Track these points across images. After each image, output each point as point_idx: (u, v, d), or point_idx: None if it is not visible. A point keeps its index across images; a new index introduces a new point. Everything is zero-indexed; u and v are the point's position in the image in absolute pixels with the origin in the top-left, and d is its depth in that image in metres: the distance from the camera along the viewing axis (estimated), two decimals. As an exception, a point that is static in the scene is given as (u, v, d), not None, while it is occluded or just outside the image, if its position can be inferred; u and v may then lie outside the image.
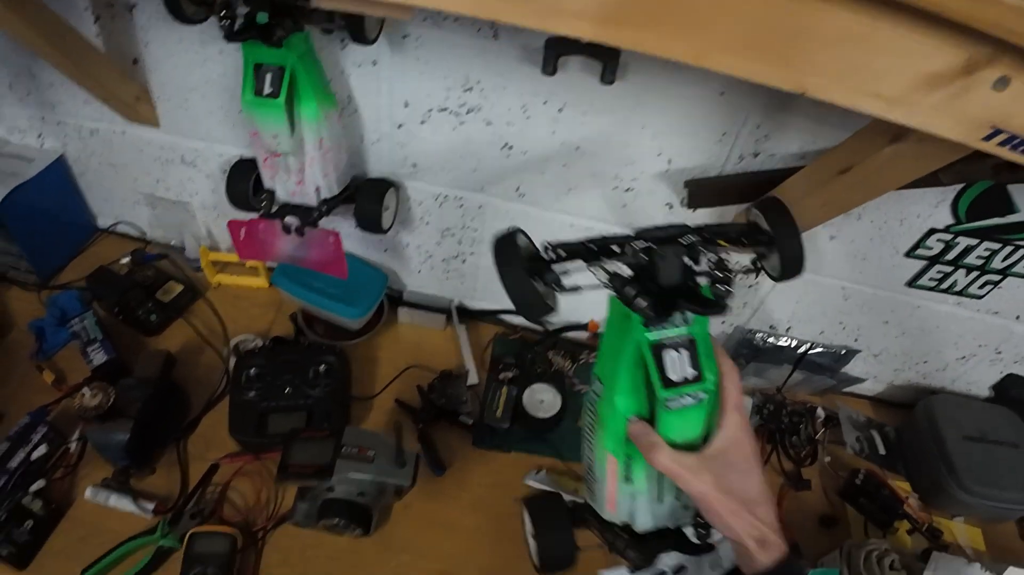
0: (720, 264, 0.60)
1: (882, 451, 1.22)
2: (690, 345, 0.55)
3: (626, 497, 0.63)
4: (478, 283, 1.21)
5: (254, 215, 1.03)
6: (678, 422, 0.56)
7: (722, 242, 0.64)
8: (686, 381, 0.54)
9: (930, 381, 1.30)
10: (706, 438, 0.58)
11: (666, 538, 0.66)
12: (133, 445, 0.92)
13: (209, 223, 1.25)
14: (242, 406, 1.03)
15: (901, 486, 1.16)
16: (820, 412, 1.22)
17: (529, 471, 1.05)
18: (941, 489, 1.15)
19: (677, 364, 0.55)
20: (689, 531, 0.65)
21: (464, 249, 1.14)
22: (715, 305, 0.55)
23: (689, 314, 0.55)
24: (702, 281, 0.58)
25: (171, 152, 1.13)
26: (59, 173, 1.21)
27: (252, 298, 1.24)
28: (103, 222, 1.33)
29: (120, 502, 0.93)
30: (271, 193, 1.01)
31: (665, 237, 0.59)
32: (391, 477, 0.84)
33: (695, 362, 0.55)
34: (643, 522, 0.64)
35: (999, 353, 1.22)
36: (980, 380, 1.30)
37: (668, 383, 0.54)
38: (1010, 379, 1.28)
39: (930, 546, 1.07)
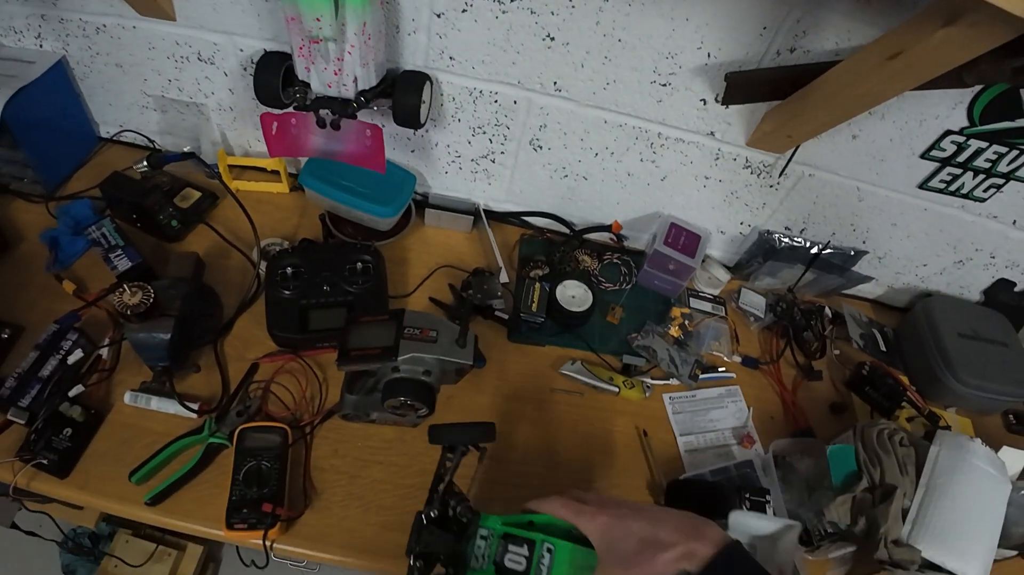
0: None
1: (883, 348, 1.30)
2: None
3: None
4: (505, 184, 1.22)
5: (287, 111, 1.01)
6: None
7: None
8: None
9: (927, 284, 1.38)
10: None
11: None
12: (174, 344, 0.91)
13: (225, 126, 1.22)
14: (281, 304, 1.02)
15: (901, 379, 1.24)
16: (828, 311, 1.29)
17: (564, 363, 1.09)
18: (937, 381, 1.24)
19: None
20: None
21: (495, 148, 1.14)
22: None
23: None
24: None
25: (187, 48, 1.08)
26: (61, 77, 1.15)
27: (274, 203, 1.22)
28: (106, 130, 1.27)
29: (163, 404, 0.92)
30: (305, 84, 0.98)
31: None
32: (454, 356, 0.86)
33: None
34: None
35: (993, 258, 1.30)
36: (972, 284, 1.38)
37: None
38: (1001, 284, 1.36)
39: (932, 428, 1.16)
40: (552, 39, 0.96)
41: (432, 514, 0.71)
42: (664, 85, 1.01)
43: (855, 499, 0.99)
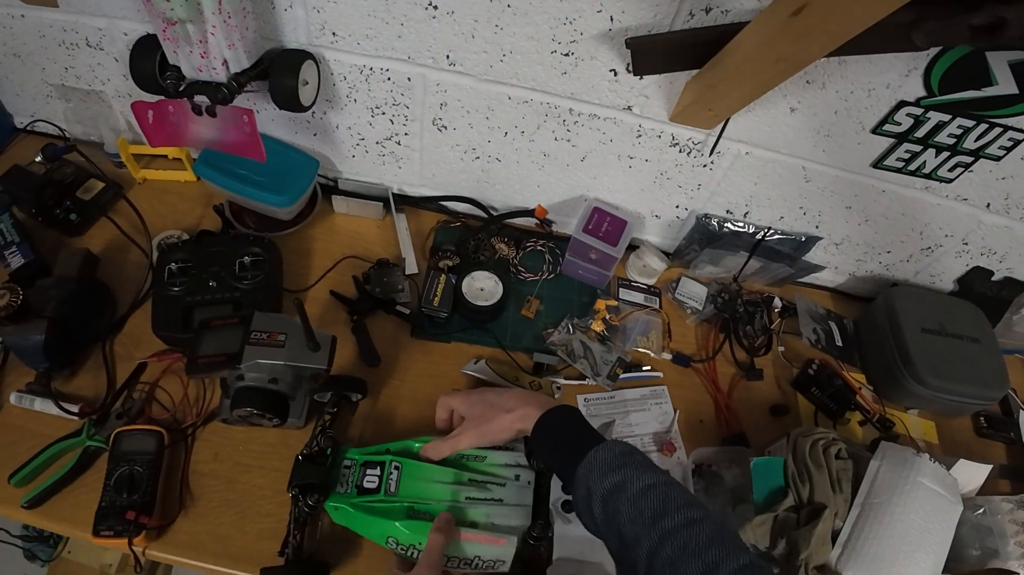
0: None
1: (839, 343, 1.18)
2: None
3: None
4: (416, 167, 1.13)
5: (161, 98, 0.95)
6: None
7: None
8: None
9: (893, 273, 1.26)
10: None
11: None
12: (51, 346, 0.87)
13: (127, 113, 1.15)
14: (166, 301, 0.97)
15: (856, 377, 1.13)
16: (777, 302, 1.17)
17: (468, 361, 1.01)
18: (895, 381, 1.12)
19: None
20: None
21: (397, 129, 1.05)
22: None
23: None
24: None
25: (74, 34, 1.01)
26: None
27: (180, 192, 1.16)
28: (20, 121, 1.21)
29: (45, 405, 0.89)
30: (177, 70, 0.91)
31: None
32: (305, 361, 0.79)
33: None
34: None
35: (966, 244, 1.17)
36: (945, 273, 1.25)
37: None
38: (976, 272, 1.23)
39: (880, 436, 1.06)
40: (435, 7, 0.86)
41: (305, 452, 0.82)
42: (567, 55, 0.90)
43: (776, 519, 0.89)
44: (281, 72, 0.92)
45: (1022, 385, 1.28)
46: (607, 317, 1.08)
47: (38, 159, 1.10)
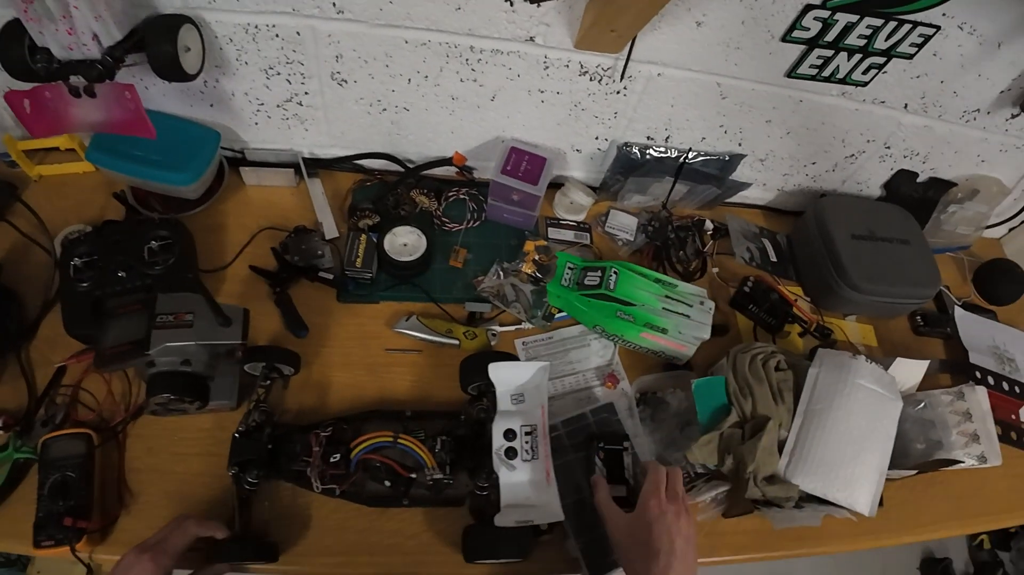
0: None
1: (773, 258, 1.19)
2: None
3: None
4: (323, 127, 1.08)
5: (35, 85, 0.88)
6: None
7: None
8: None
9: (820, 184, 1.26)
10: None
11: None
12: None
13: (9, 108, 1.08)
14: (75, 299, 0.91)
15: (792, 290, 1.14)
16: (709, 224, 1.17)
17: (399, 319, 0.99)
18: (831, 289, 1.13)
19: None
20: None
21: (296, 89, 1.00)
22: None
23: None
24: None
25: None
26: None
27: (79, 184, 1.09)
28: None
29: None
30: (47, 52, 0.84)
31: None
32: (217, 337, 0.76)
33: None
34: None
35: (888, 148, 1.18)
36: (870, 179, 1.26)
37: None
38: (901, 175, 1.24)
39: (819, 345, 1.06)
40: (310, -49, 0.81)
41: (241, 429, 0.81)
42: (458, -12, 0.86)
43: (721, 436, 0.90)
44: (157, 39, 0.85)
45: (954, 282, 1.31)
46: (537, 258, 1.06)
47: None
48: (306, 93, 1.01)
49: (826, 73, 1.01)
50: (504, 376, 0.85)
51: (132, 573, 0.68)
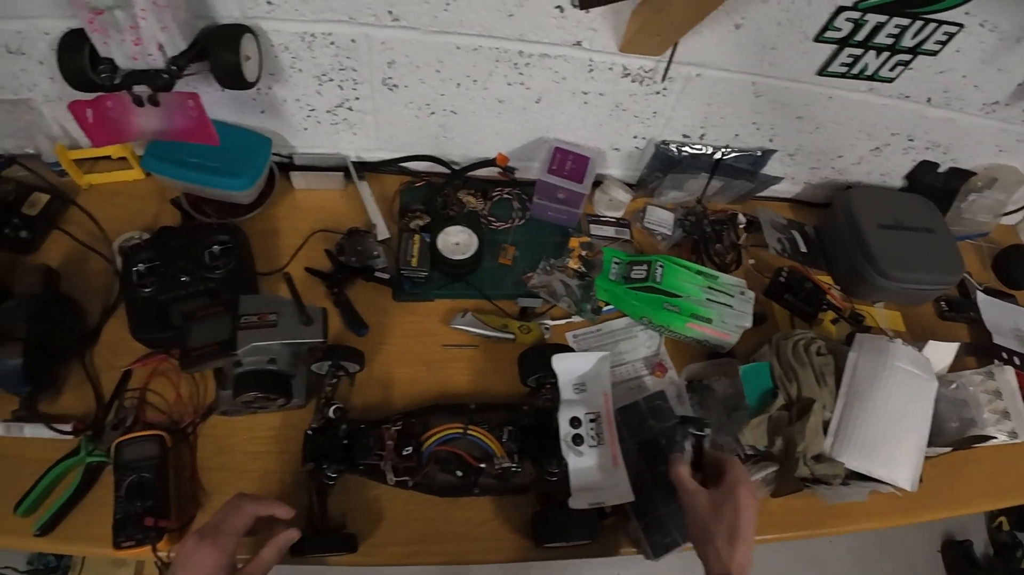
0: None
1: (803, 249, 1.23)
2: None
3: None
4: (371, 131, 1.11)
5: (98, 95, 0.90)
6: None
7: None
8: None
9: (846, 176, 1.30)
10: None
11: None
12: (29, 368, 0.83)
13: (60, 118, 1.09)
14: (139, 304, 0.94)
15: (823, 280, 1.18)
16: (741, 218, 1.21)
17: (455, 316, 1.02)
18: (860, 277, 1.17)
19: None
20: None
21: (347, 94, 1.03)
22: None
23: None
24: None
25: None
26: None
27: (131, 192, 1.11)
28: (-57, 148, 1.15)
29: (36, 430, 0.86)
30: (110, 62, 0.87)
31: None
32: (300, 336, 0.79)
33: None
34: None
35: (911, 140, 1.22)
36: (894, 170, 1.30)
37: None
38: (923, 166, 1.29)
39: (853, 330, 1.11)
40: (370, -40, 0.84)
41: (315, 426, 0.84)
42: (511, -4, 0.89)
43: (770, 419, 0.94)
44: (221, 49, 0.88)
45: (975, 268, 1.36)
46: (583, 254, 1.09)
47: (-26, 180, 1.04)
48: (357, 98, 1.04)
49: (855, 71, 1.05)
50: (567, 367, 0.88)
51: (195, 559, 0.68)
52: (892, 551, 2.18)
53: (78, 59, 0.88)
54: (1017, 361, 1.16)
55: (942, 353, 1.07)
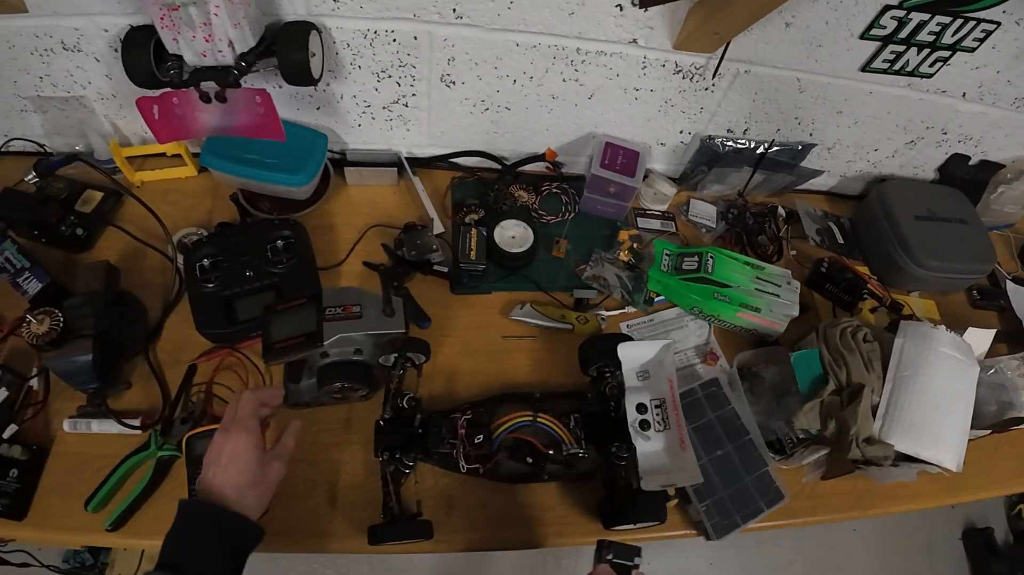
0: None
1: (840, 240, 1.26)
2: None
3: None
4: (424, 128, 1.13)
5: (164, 91, 0.91)
6: None
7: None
8: None
9: (880, 169, 1.33)
10: None
11: None
12: (99, 364, 0.84)
13: (112, 116, 1.10)
14: (204, 299, 0.96)
15: (860, 270, 1.21)
16: (781, 211, 1.24)
17: (513, 307, 1.04)
18: (897, 267, 1.21)
19: None
20: None
21: (404, 91, 1.05)
22: None
23: None
24: None
25: (48, 39, 0.95)
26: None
27: (183, 189, 1.12)
28: (-8, 145, 1.15)
29: (103, 426, 0.87)
30: (179, 58, 0.88)
31: None
32: (384, 327, 0.81)
33: None
34: None
35: (945, 134, 1.25)
36: (926, 163, 1.34)
37: None
38: (955, 159, 1.32)
39: (896, 318, 1.14)
40: (439, -40, 0.86)
41: (386, 417, 0.85)
42: (573, -5, 0.91)
43: (823, 403, 0.97)
44: (289, 46, 0.90)
45: (1003, 258, 1.40)
46: (633, 246, 1.12)
47: (28, 178, 1.05)
48: (413, 95, 1.06)
49: (897, 67, 1.08)
50: (631, 355, 0.91)
51: (228, 447, 0.70)
52: (914, 539, 2.23)
53: (143, 56, 0.89)
54: (1049, 347, 1.20)
55: (980, 339, 1.10)
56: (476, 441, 0.86)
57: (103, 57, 0.99)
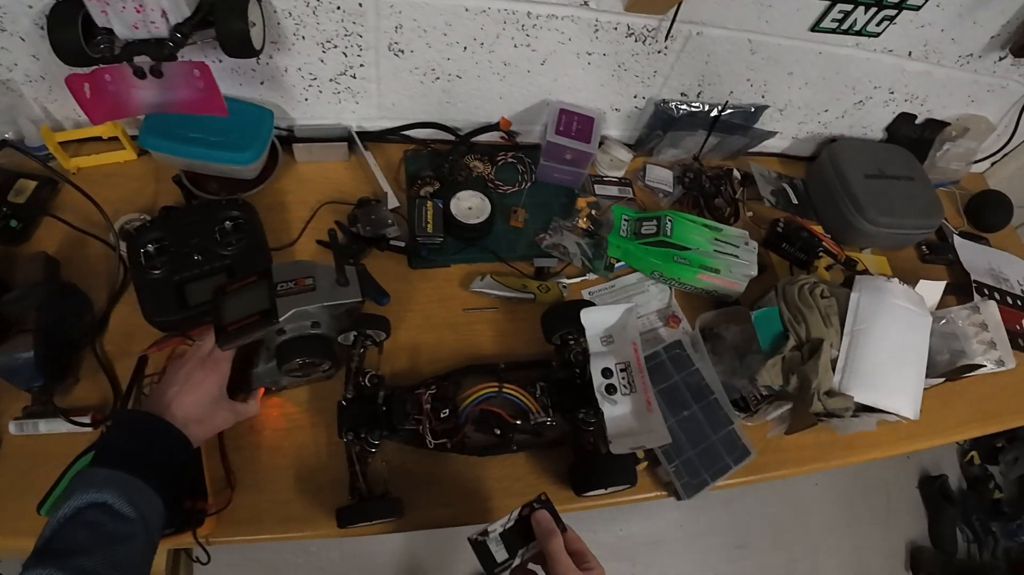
0: None
1: (795, 201, 1.28)
2: None
3: None
4: (374, 100, 1.10)
5: (95, 68, 0.86)
6: None
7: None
8: None
9: (830, 130, 1.35)
10: None
11: None
12: (42, 360, 0.79)
13: (42, 99, 1.03)
14: (151, 286, 0.91)
15: (815, 228, 1.23)
16: (736, 174, 1.25)
17: (474, 279, 1.03)
18: (849, 225, 1.23)
19: None
20: None
21: (352, 62, 1.01)
22: None
23: None
24: None
25: None
26: None
27: (124, 173, 1.07)
28: (-85, 138, 1.07)
29: (52, 425, 0.83)
30: (109, 32, 0.83)
31: None
32: (339, 297, 0.79)
33: None
34: None
35: (892, 93, 1.28)
36: (875, 123, 1.36)
37: None
38: (902, 118, 1.35)
39: (851, 274, 1.16)
40: (380, -80, 0.83)
41: (348, 396, 0.84)
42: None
43: (784, 359, 0.98)
44: (227, 15, 0.85)
45: (950, 214, 1.45)
46: (592, 213, 1.12)
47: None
48: (361, 65, 1.02)
49: (845, 26, 1.09)
50: (594, 320, 0.91)
51: (197, 376, 0.75)
52: (873, 490, 2.32)
53: (72, 31, 0.83)
54: (997, 296, 1.24)
55: (931, 291, 1.13)
56: (442, 416, 0.84)
57: (28, 36, 0.92)
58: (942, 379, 1.09)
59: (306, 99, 1.08)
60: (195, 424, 0.73)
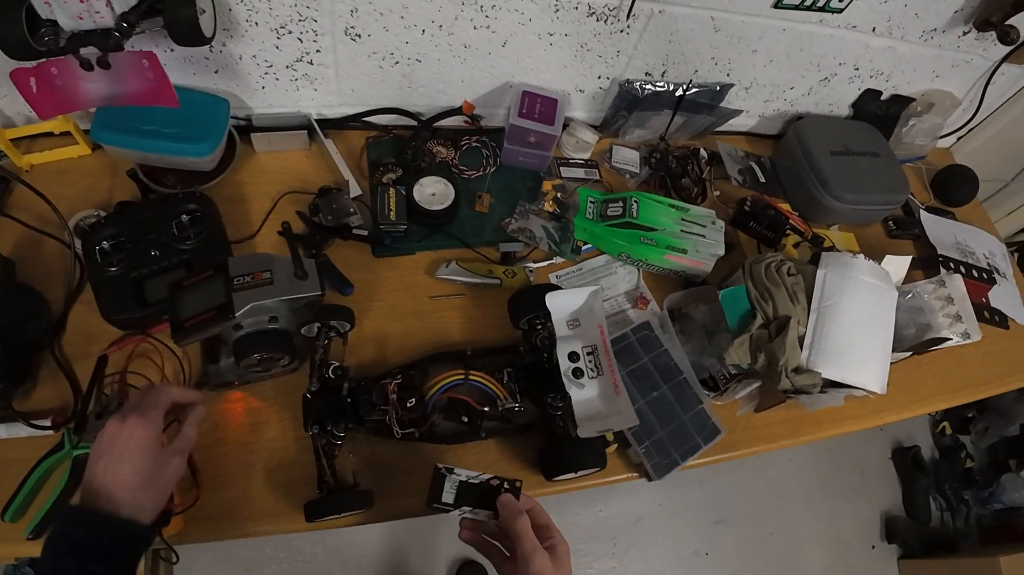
0: None
1: (762, 179, 1.28)
2: None
3: None
4: (332, 86, 1.07)
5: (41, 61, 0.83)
6: None
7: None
8: None
9: (796, 107, 1.35)
10: None
11: None
12: (0, 362, 0.79)
13: None
14: (108, 284, 0.89)
15: (782, 206, 1.23)
16: (703, 153, 1.24)
17: (439, 266, 1.02)
18: (816, 202, 1.24)
19: None
20: None
21: (308, 47, 0.99)
22: None
23: None
24: None
25: None
26: None
27: (78, 169, 1.04)
28: None
29: (11, 430, 0.81)
30: (54, 23, 0.81)
31: None
32: (297, 291, 0.77)
33: None
34: None
35: (857, 70, 1.28)
36: (840, 100, 1.36)
37: None
38: (867, 94, 1.35)
39: (819, 250, 1.17)
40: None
41: (313, 389, 0.82)
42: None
43: (752, 338, 0.99)
44: (175, 2, 0.82)
45: (916, 189, 1.46)
46: (558, 196, 1.11)
47: None
48: (318, 51, 1.00)
49: (808, 2, 1.08)
50: (560, 304, 0.90)
51: (122, 437, 0.63)
52: (847, 463, 2.35)
53: (15, 25, 0.80)
54: (963, 270, 1.25)
55: (897, 266, 1.14)
56: (408, 405, 0.84)
57: (-31, 30, 0.89)
58: (909, 353, 1.11)
59: (263, 87, 1.05)
60: (144, 490, 0.63)
